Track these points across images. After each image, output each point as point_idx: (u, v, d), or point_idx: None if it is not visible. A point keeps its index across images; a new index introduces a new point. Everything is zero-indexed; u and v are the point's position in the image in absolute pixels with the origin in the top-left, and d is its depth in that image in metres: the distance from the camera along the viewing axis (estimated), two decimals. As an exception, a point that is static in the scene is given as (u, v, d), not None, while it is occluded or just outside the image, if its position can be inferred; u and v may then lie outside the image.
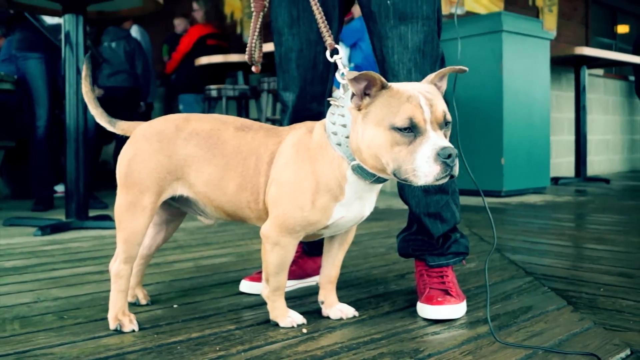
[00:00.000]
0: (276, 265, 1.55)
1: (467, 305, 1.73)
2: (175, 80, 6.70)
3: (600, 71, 7.87)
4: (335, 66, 1.98)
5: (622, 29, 9.75)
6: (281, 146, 1.53)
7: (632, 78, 8.49)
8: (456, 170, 1.27)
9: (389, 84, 1.35)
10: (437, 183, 1.28)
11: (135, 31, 6.18)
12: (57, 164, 5.08)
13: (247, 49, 1.84)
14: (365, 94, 1.36)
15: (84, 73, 1.70)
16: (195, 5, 6.63)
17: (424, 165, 1.27)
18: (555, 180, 6.23)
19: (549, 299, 1.83)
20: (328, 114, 1.49)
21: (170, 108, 7.44)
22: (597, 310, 1.70)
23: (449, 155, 1.25)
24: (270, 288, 1.59)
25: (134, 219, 1.55)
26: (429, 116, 1.30)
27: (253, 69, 1.88)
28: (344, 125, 1.42)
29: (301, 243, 2.05)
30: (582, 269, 2.24)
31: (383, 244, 2.85)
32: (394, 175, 1.33)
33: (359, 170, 1.42)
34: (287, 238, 1.50)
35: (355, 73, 1.31)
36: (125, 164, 1.57)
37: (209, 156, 1.56)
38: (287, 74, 1.93)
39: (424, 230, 1.82)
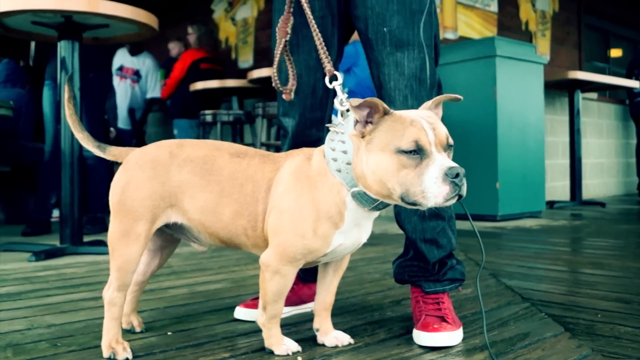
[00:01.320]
0: (275, 294, 1.53)
1: (464, 332, 1.72)
2: (170, 105, 6.72)
3: (594, 95, 7.92)
4: (334, 92, 2.00)
5: (615, 52, 9.84)
6: (279, 174, 1.52)
7: (626, 101, 8.55)
8: (464, 190, 1.28)
9: (391, 110, 1.36)
10: (447, 204, 1.29)
11: (144, 57, 6.36)
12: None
13: (273, 74, 1.78)
14: (367, 121, 1.37)
15: (66, 95, 1.68)
16: (189, 30, 6.68)
17: (432, 186, 1.27)
18: (551, 204, 6.24)
19: (546, 325, 1.82)
20: (327, 140, 1.49)
21: (166, 132, 7.46)
22: (595, 337, 1.69)
23: (457, 175, 1.27)
24: (267, 316, 1.57)
25: (127, 246, 1.54)
26: (433, 139, 1.31)
27: (284, 96, 1.80)
28: (345, 152, 1.42)
29: (296, 269, 2.04)
30: (579, 295, 2.23)
31: (378, 269, 2.84)
32: (402, 199, 1.32)
33: (359, 197, 1.42)
34: (288, 267, 1.49)
35: (359, 100, 1.32)
36: (118, 191, 1.56)
37: (203, 183, 1.55)
38: (287, 101, 1.93)
39: (420, 256, 1.81)
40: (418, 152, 1.30)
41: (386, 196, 1.37)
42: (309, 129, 1.94)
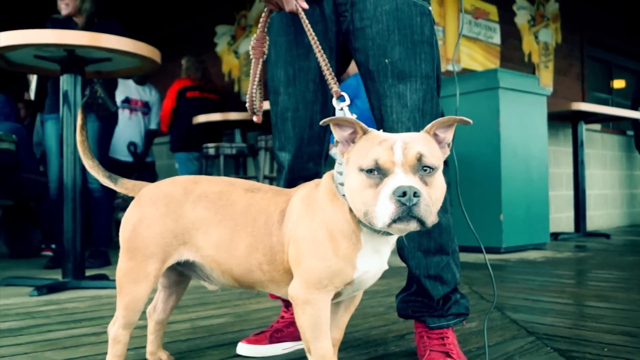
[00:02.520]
0: (311, 328, 1.43)
1: (469, 367, 1.71)
2: (170, 138, 6.79)
3: (597, 126, 7.94)
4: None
5: (618, 83, 9.89)
6: (291, 204, 1.50)
7: (630, 132, 8.56)
8: (418, 211, 1.19)
9: (370, 129, 1.34)
10: (396, 226, 1.21)
11: (149, 88, 6.37)
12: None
13: (247, 97, 1.82)
14: (352, 141, 1.35)
15: (79, 122, 1.66)
16: (182, 61, 6.71)
17: (380, 206, 1.22)
18: (555, 236, 6.22)
19: (551, 360, 1.81)
20: (336, 165, 1.46)
21: (170, 166, 7.51)
22: (600, 372, 1.68)
23: (404, 194, 1.19)
24: (314, 358, 1.45)
25: (136, 285, 1.53)
26: (400, 159, 1.25)
27: (254, 118, 1.84)
28: None
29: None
30: (584, 328, 2.22)
31: (382, 302, 2.83)
32: (366, 220, 1.27)
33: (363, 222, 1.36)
34: (316, 294, 1.41)
35: (340, 118, 1.32)
36: (129, 228, 1.55)
37: (217, 218, 1.53)
38: (282, 134, 1.93)
39: (423, 292, 1.81)
40: (377, 171, 1.25)
41: (363, 218, 1.30)
42: (306, 163, 1.93)
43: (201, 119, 5.75)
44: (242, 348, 1.93)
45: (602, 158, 8.11)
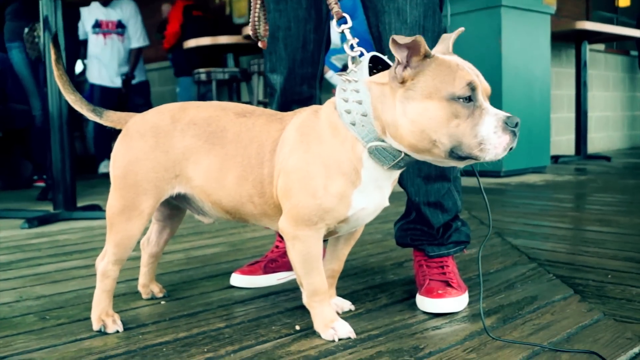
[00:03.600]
0: (301, 263, 1.38)
1: (470, 296, 1.67)
2: (172, 62, 6.64)
3: (601, 46, 7.77)
4: (327, 46, 1.90)
5: (623, 2, 9.62)
6: (284, 132, 1.39)
7: (634, 53, 8.39)
8: (516, 142, 1.20)
9: (432, 52, 1.23)
10: (502, 155, 1.19)
11: (120, 3, 6.01)
12: None
13: (250, 23, 1.68)
14: (404, 66, 1.23)
15: (53, 56, 1.56)
16: None
17: (492, 137, 1.17)
18: (555, 159, 6.16)
19: (554, 287, 1.77)
20: (338, 91, 1.35)
21: (164, 93, 7.37)
22: (605, 300, 1.63)
23: (516, 124, 1.19)
24: (305, 292, 1.43)
25: (128, 223, 1.46)
26: (480, 85, 1.21)
27: (260, 44, 1.72)
28: (360, 102, 1.29)
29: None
30: (587, 254, 2.18)
31: (380, 229, 2.78)
32: (450, 153, 1.21)
33: (377, 154, 1.29)
34: (305, 231, 1.34)
35: (405, 38, 1.18)
36: (120, 164, 1.47)
37: (207, 146, 1.44)
38: (274, 55, 1.83)
39: (423, 219, 1.74)
40: (471, 99, 1.19)
41: (423, 150, 1.24)
42: (299, 86, 1.84)
43: (191, 43, 5.59)
44: (236, 279, 1.89)
45: (605, 79, 7.97)
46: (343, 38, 1.44)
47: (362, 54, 1.37)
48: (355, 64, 1.35)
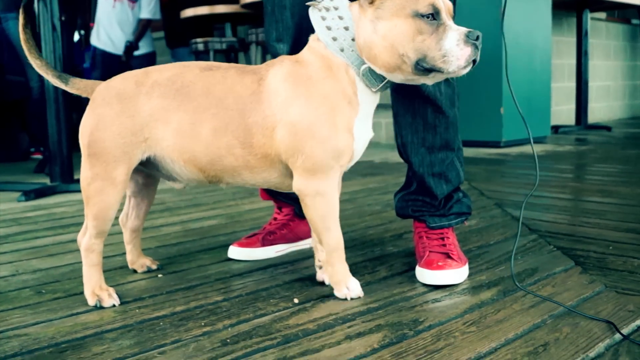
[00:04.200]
0: (323, 219, 1.42)
1: (470, 268, 1.65)
2: (165, 33, 6.51)
3: (602, 15, 7.68)
4: None
5: (624, -31, 9.51)
6: (269, 84, 1.39)
7: (635, 21, 8.30)
8: (478, 55, 1.29)
9: None
10: (465, 70, 1.29)
11: None
12: None
13: None
14: None
15: (21, 21, 1.50)
16: None
17: (454, 49, 1.27)
18: (556, 129, 6.13)
19: (555, 259, 1.75)
20: (317, 21, 1.40)
21: (164, 61, 7.28)
22: (607, 272, 1.62)
23: (477, 37, 1.28)
24: (326, 249, 1.46)
25: (103, 193, 1.43)
26: (443, 6, 1.31)
27: None
28: (346, 28, 1.37)
29: (292, 205, 1.96)
30: (588, 225, 2.16)
31: (379, 200, 2.76)
32: (415, 67, 1.30)
33: (368, 75, 1.37)
34: (325, 181, 1.39)
35: None
36: (87, 132, 1.43)
37: (175, 104, 1.41)
38: (280, 24, 1.78)
39: (426, 190, 1.71)
40: (435, 16, 1.28)
41: (395, 67, 1.33)
42: None
43: (188, 12, 5.51)
44: (234, 251, 1.87)
45: (606, 48, 7.90)
46: None
47: None
48: None
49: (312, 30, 1.78)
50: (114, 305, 1.46)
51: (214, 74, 1.44)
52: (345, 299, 1.45)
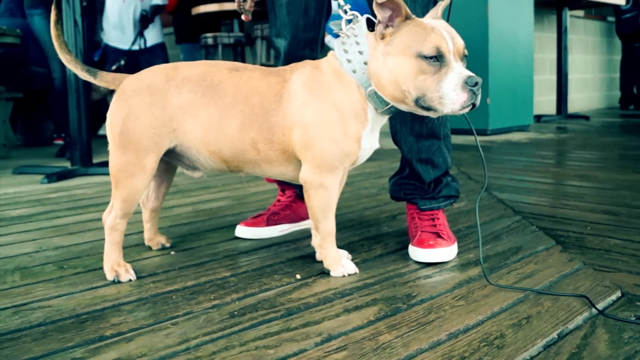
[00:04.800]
0: (323, 209, 1.44)
1: (458, 247, 1.65)
2: (174, 29, 6.44)
3: (580, 12, 7.63)
4: (327, 12, 1.84)
5: (602, -30, 9.43)
6: (290, 87, 1.41)
7: (611, 19, 8.25)
8: (478, 100, 1.25)
9: (412, 15, 1.31)
10: (462, 112, 1.26)
11: None
12: None
13: None
14: (387, 24, 1.31)
15: (53, 17, 1.48)
16: None
17: (451, 93, 1.23)
18: (538, 118, 6.09)
19: (537, 238, 1.74)
20: (337, 44, 1.41)
21: (174, 57, 7.22)
22: (585, 250, 1.61)
23: (476, 84, 1.23)
24: (321, 235, 1.48)
25: (133, 178, 1.42)
26: (452, 47, 1.26)
27: (243, 17, 1.74)
28: (361, 52, 1.36)
29: (294, 188, 1.95)
30: (567, 207, 2.15)
31: (375, 184, 2.75)
32: (416, 103, 1.29)
33: (374, 97, 1.36)
34: (329, 177, 1.40)
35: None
36: (118, 122, 1.42)
37: (205, 100, 1.42)
38: (278, 21, 1.78)
39: (415, 175, 1.71)
40: (438, 58, 1.25)
41: (398, 99, 1.32)
42: (302, 50, 1.79)
43: (200, 9, 5.46)
44: (241, 230, 1.86)
45: (584, 43, 7.85)
46: (338, 4, 1.44)
47: (351, 19, 1.41)
48: (353, 23, 1.40)
49: (309, 27, 1.78)
50: (130, 280, 1.45)
51: (241, 75, 1.45)
52: (343, 277, 1.45)
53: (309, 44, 1.80)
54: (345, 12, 1.42)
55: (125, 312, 1.26)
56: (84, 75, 1.48)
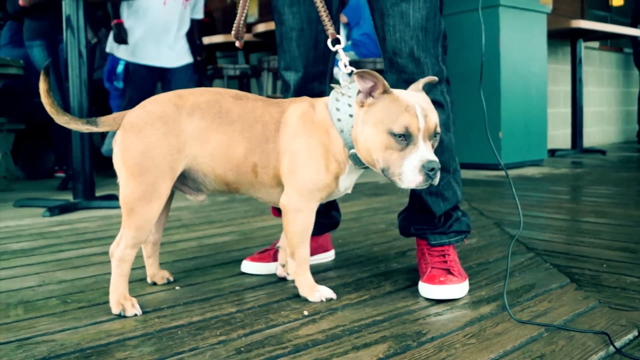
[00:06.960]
0: (300, 234, 1.56)
1: (469, 284, 1.66)
2: None
3: (595, 44, 7.71)
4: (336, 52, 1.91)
5: (617, 1, 9.54)
6: (286, 117, 1.55)
7: (627, 50, 8.33)
8: (436, 181, 1.36)
9: (391, 89, 1.41)
10: (418, 189, 1.44)
11: None
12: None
13: (234, 25, 1.77)
14: (369, 94, 1.42)
15: (43, 87, 1.54)
16: None
17: (409, 173, 1.35)
18: (552, 152, 6.13)
19: (551, 276, 1.76)
20: (332, 99, 1.52)
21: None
22: (601, 288, 1.63)
23: (432, 169, 1.34)
24: (296, 262, 1.59)
25: (149, 206, 1.49)
26: (423, 126, 1.36)
27: (237, 44, 1.80)
28: (351, 115, 1.47)
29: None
30: (583, 244, 2.17)
31: (384, 219, 2.78)
32: (382, 172, 1.42)
33: (354, 157, 1.50)
34: (308, 203, 1.53)
35: (365, 71, 1.37)
36: (134, 154, 1.47)
37: (214, 126, 1.53)
38: (288, 54, 1.84)
39: (425, 209, 1.74)
40: (406, 137, 1.36)
41: (370, 164, 1.47)
42: (311, 83, 1.85)
43: (205, 40, 5.57)
44: (247, 266, 1.89)
45: (600, 75, 7.92)
46: (347, 37, 1.52)
47: (352, 72, 1.51)
48: (350, 82, 1.51)
49: (318, 61, 1.83)
50: (135, 315, 1.48)
51: (246, 104, 1.57)
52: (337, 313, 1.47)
53: (318, 77, 1.86)
54: (345, 65, 1.57)
55: (131, 347, 1.28)
56: (86, 128, 1.53)
